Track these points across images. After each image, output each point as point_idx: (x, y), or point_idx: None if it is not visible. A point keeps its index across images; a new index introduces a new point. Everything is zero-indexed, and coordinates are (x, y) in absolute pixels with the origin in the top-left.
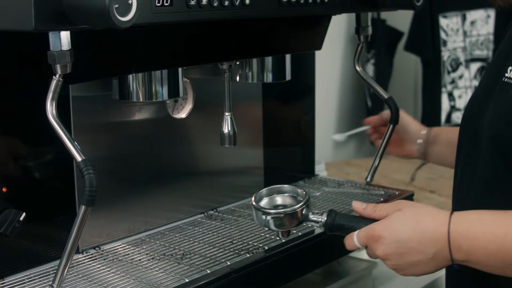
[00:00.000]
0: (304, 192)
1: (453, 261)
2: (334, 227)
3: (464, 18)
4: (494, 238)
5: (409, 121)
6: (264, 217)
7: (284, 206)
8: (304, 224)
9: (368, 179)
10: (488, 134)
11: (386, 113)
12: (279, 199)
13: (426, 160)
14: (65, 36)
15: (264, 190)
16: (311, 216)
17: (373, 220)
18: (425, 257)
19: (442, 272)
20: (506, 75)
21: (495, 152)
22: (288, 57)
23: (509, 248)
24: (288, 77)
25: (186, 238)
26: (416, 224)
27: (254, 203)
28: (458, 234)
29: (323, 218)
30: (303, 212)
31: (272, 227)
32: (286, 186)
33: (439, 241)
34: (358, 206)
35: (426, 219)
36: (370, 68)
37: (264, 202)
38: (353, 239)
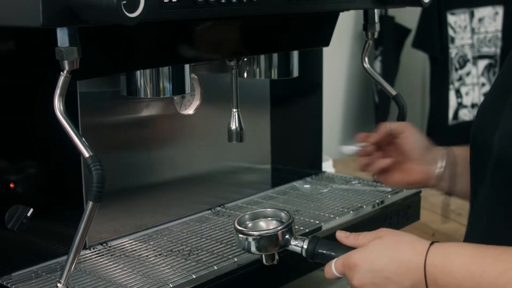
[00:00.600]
0: (288, 216)
1: None
2: (314, 254)
3: (472, 15)
4: (470, 276)
5: (418, 136)
6: (243, 239)
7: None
8: (287, 248)
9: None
10: (495, 155)
11: (392, 125)
12: (263, 224)
13: (449, 190)
14: (72, 32)
15: (247, 214)
16: (293, 242)
17: (354, 249)
18: None
19: None
20: None
21: (502, 177)
22: (295, 53)
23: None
24: (295, 73)
25: (193, 234)
26: (393, 252)
27: (235, 225)
28: (434, 267)
29: (305, 244)
30: (286, 236)
31: (253, 249)
32: (270, 210)
33: (416, 273)
34: (341, 235)
35: (404, 248)
36: (377, 65)
37: (248, 226)
38: (331, 267)
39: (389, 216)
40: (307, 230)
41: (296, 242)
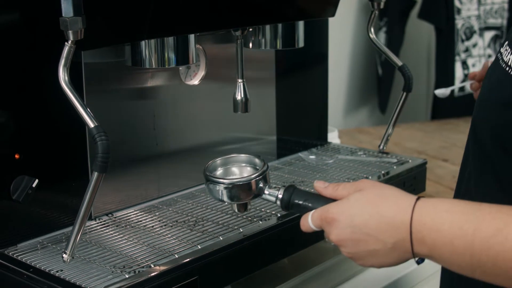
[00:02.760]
0: (262, 163)
1: (414, 255)
2: (290, 204)
3: None
4: (462, 234)
5: None
6: (213, 187)
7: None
8: (261, 198)
9: (381, 147)
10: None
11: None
12: (236, 170)
13: None
14: (77, 2)
15: (219, 160)
16: (267, 191)
17: (333, 200)
18: (384, 246)
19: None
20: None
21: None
22: (301, 24)
23: (478, 247)
24: (301, 44)
25: (199, 205)
26: (375, 207)
27: (205, 172)
28: (422, 225)
29: (280, 194)
30: (259, 185)
31: (224, 198)
32: (243, 156)
33: (400, 230)
34: (320, 185)
35: (387, 203)
36: (382, 36)
37: (219, 173)
38: (307, 219)
39: None
40: None
41: (271, 191)
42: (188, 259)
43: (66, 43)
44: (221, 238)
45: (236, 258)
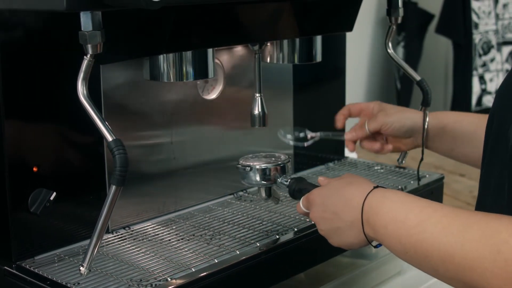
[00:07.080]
0: (283, 158)
1: (366, 235)
2: (294, 191)
3: (496, 0)
4: (394, 220)
5: (398, 123)
6: (242, 169)
7: None
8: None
9: (399, 161)
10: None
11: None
12: (262, 160)
13: (430, 149)
14: (96, 16)
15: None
16: (279, 179)
17: None
18: (344, 224)
19: None
20: None
21: None
22: (319, 38)
23: (404, 234)
24: (318, 58)
25: (216, 219)
26: (342, 190)
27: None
28: (369, 207)
29: (288, 182)
30: (275, 173)
31: (249, 180)
32: (273, 153)
33: (356, 210)
34: (321, 179)
35: (352, 187)
36: (400, 51)
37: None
38: (300, 202)
39: None
40: None
41: (283, 180)
42: (205, 273)
43: (85, 57)
44: (238, 252)
45: (253, 272)
